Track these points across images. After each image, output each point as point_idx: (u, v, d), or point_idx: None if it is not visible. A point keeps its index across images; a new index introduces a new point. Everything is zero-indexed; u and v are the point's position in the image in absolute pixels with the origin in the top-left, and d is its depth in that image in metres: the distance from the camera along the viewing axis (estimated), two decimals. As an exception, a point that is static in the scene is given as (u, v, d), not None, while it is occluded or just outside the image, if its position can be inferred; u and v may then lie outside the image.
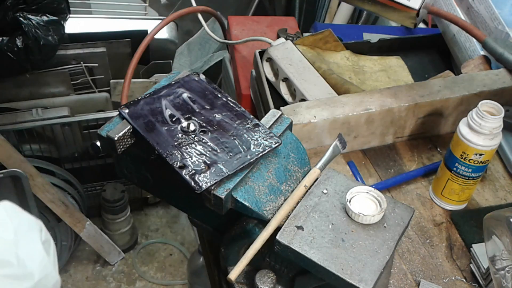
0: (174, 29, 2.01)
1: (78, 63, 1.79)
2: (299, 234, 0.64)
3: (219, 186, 0.64)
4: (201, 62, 2.01)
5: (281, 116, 0.75)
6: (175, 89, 0.74)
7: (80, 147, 1.87)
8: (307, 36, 1.23)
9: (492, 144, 0.84)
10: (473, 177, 0.88)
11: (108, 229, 2.02)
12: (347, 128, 1.00)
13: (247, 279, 0.76)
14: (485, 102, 0.84)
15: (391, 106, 1.00)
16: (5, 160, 1.54)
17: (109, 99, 1.88)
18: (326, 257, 0.62)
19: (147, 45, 1.43)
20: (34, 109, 1.72)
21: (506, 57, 1.06)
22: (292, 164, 0.72)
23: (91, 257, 2.08)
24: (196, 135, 0.69)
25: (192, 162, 0.65)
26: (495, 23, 1.18)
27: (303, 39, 1.22)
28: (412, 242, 0.89)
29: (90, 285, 2.01)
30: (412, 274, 0.84)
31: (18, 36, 1.52)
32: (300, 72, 1.11)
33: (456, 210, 0.94)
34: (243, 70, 1.41)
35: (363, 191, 0.68)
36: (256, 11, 2.26)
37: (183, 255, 2.11)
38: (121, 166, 0.80)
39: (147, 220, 2.23)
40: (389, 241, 0.65)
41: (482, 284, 0.83)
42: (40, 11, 1.55)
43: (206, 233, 0.84)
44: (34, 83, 1.77)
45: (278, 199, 0.69)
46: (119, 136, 0.68)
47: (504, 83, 1.06)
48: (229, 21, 1.59)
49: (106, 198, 1.95)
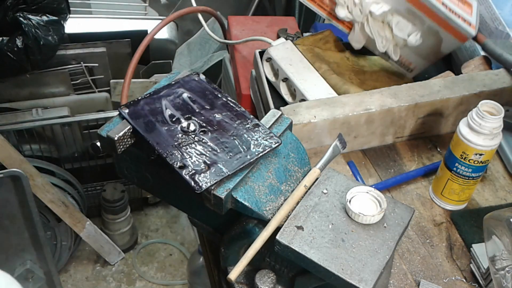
0: (174, 29, 2.01)
1: (78, 63, 1.79)
2: (299, 234, 0.64)
3: (219, 186, 0.64)
4: (201, 62, 2.01)
5: (281, 116, 0.75)
6: (175, 89, 0.74)
7: (80, 147, 1.87)
8: (307, 36, 1.23)
9: (492, 144, 0.84)
10: (473, 177, 0.88)
11: (108, 229, 2.02)
12: (347, 128, 1.00)
13: (247, 279, 0.76)
14: (485, 102, 0.84)
15: (391, 106, 1.00)
16: (5, 160, 1.54)
17: (109, 99, 1.88)
18: (326, 257, 0.62)
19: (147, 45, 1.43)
20: (34, 109, 1.73)
21: (505, 57, 1.06)
22: (292, 164, 0.72)
23: (91, 257, 2.08)
24: (196, 135, 0.69)
25: (192, 162, 0.65)
26: (495, 24, 1.18)
27: (303, 39, 1.22)
28: (412, 242, 0.89)
29: (90, 285, 2.01)
30: (412, 274, 0.84)
31: (18, 36, 1.52)
32: (300, 72, 1.11)
33: (456, 210, 0.94)
34: (243, 70, 1.41)
35: (363, 191, 0.68)
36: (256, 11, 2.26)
37: (183, 255, 2.12)
38: (121, 166, 0.80)
39: (147, 220, 2.23)
40: (389, 241, 0.65)
41: (482, 284, 0.83)
42: (40, 11, 1.55)
43: (206, 233, 0.84)
44: (34, 83, 1.77)
45: (278, 199, 0.69)
46: (119, 136, 0.68)
47: (504, 83, 1.06)
48: (229, 21, 1.59)
49: (106, 198, 1.95)
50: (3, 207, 1.54)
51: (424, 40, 1.09)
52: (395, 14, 1.06)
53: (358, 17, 1.08)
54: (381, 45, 1.10)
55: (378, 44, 1.09)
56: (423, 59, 1.14)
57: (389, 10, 1.06)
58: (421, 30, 1.07)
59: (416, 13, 1.04)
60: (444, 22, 1.04)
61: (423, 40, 1.09)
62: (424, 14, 1.04)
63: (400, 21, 1.06)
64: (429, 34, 1.08)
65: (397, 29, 1.07)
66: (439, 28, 1.06)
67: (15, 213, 1.56)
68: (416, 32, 1.07)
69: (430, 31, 1.07)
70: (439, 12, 1.03)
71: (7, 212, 1.55)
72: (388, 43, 1.10)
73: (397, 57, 1.13)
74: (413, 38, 1.07)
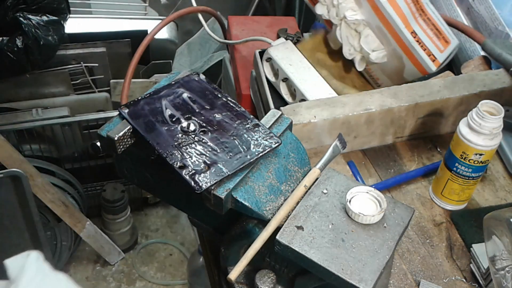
0: (174, 29, 2.01)
1: (78, 63, 1.79)
2: (299, 234, 0.64)
3: (219, 186, 0.64)
4: (201, 62, 2.01)
5: (281, 116, 0.75)
6: (175, 89, 0.74)
7: (80, 147, 1.87)
8: (307, 40, 1.22)
9: (492, 144, 0.84)
10: (473, 177, 0.88)
11: (108, 229, 2.02)
12: (347, 128, 1.00)
13: (247, 279, 0.76)
14: (485, 102, 0.84)
15: (391, 106, 1.00)
16: (5, 160, 1.54)
17: (109, 99, 1.88)
18: (326, 257, 0.62)
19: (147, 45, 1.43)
20: (34, 109, 1.72)
21: (504, 57, 1.06)
22: (292, 164, 0.72)
23: (91, 257, 2.08)
24: (196, 135, 0.69)
25: (192, 162, 0.65)
26: (495, 24, 1.18)
27: (303, 43, 1.21)
28: (412, 242, 0.89)
29: (90, 285, 2.01)
30: (412, 274, 0.84)
31: (18, 36, 1.52)
32: (300, 72, 1.11)
33: (456, 210, 0.94)
34: (243, 70, 1.41)
35: (363, 191, 0.68)
36: (256, 11, 2.26)
37: (183, 255, 2.11)
38: (121, 166, 0.80)
39: (147, 220, 2.23)
40: (389, 241, 0.65)
41: (482, 284, 0.83)
42: (40, 11, 1.55)
43: (206, 233, 0.84)
44: (34, 83, 1.77)
45: (278, 199, 0.69)
46: (119, 136, 0.68)
47: (504, 83, 1.06)
48: (229, 21, 1.59)
49: (106, 198, 1.95)
50: (3, 207, 1.54)
51: (389, 61, 1.09)
52: (367, 27, 1.07)
53: (333, 19, 1.08)
54: (348, 52, 1.10)
55: (345, 50, 1.10)
56: (388, 78, 1.15)
57: (362, 21, 1.06)
58: (387, 50, 1.08)
59: (384, 33, 1.05)
60: (407, 50, 1.05)
61: (388, 61, 1.09)
62: (391, 37, 1.05)
63: (370, 35, 1.07)
64: (394, 57, 1.08)
65: (364, 41, 1.07)
66: (402, 54, 1.06)
67: (15, 213, 1.56)
68: (381, 50, 1.07)
69: (395, 54, 1.08)
70: (404, 39, 1.04)
71: (7, 212, 1.55)
72: (356, 53, 1.10)
73: (360, 68, 1.13)
74: (376, 54, 1.07)
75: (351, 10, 1.05)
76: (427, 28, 1.06)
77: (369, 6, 1.03)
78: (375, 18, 1.04)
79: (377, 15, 1.03)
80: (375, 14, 1.03)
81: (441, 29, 1.07)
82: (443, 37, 1.07)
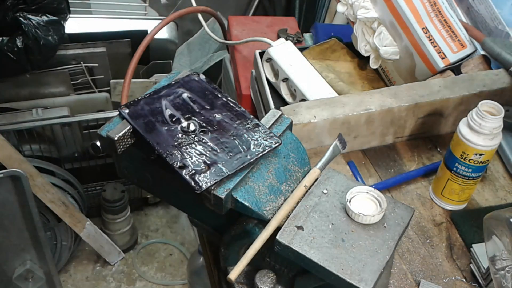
0: (174, 29, 2.01)
1: (78, 63, 1.79)
2: (299, 234, 0.65)
3: (219, 186, 0.64)
4: (201, 62, 2.01)
5: (281, 116, 0.75)
6: (175, 89, 0.74)
7: (80, 147, 1.87)
8: (313, 47, 1.22)
9: (492, 144, 0.84)
10: (473, 177, 0.88)
11: (108, 229, 2.02)
12: (347, 128, 1.00)
13: (247, 279, 0.76)
14: (485, 102, 0.84)
15: (391, 106, 1.00)
16: (5, 160, 1.54)
17: (109, 99, 1.88)
18: (326, 257, 0.62)
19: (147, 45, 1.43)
20: (34, 109, 1.72)
21: (503, 56, 1.06)
22: (292, 164, 0.72)
23: (91, 257, 2.08)
24: (196, 135, 0.69)
25: (192, 162, 0.65)
26: (495, 23, 1.18)
27: (309, 50, 1.21)
28: (412, 242, 0.89)
29: (90, 285, 2.01)
30: (412, 274, 0.84)
31: (18, 36, 1.52)
32: (300, 72, 1.11)
33: (456, 210, 0.94)
34: (243, 70, 1.41)
35: (363, 191, 0.68)
36: (256, 11, 2.26)
37: (183, 255, 2.12)
38: (121, 166, 0.80)
39: (147, 220, 2.23)
40: (389, 241, 0.65)
41: (482, 284, 0.83)
42: (40, 11, 1.55)
43: (206, 233, 0.84)
44: (34, 83, 1.77)
45: (278, 199, 0.69)
46: (119, 136, 0.68)
47: (504, 83, 1.06)
48: (229, 21, 1.59)
49: (106, 198, 1.95)
50: (3, 207, 1.54)
51: (402, 60, 1.11)
52: (381, 24, 1.09)
53: (350, 16, 1.11)
54: (363, 48, 1.13)
55: (361, 46, 1.12)
56: (402, 78, 1.16)
57: (376, 18, 1.08)
58: (399, 47, 1.10)
59: (397, 29, 1.06)
60: (417, 45, 1.07)
61: (401, 60, 1.11)
62: (403, 32, 1.06)
63: (383, 32, 1.09)
64: (405, 54, 1.10)
65: (377, 38, 1.09)
66: (413, 50, 1.08)
67: (15, 213, 1.56)
68: (393, 46, 1.09)
69: (406, 51, 1.09)
70: (414, 33, 1.06)
71: (7, 212, 1.55)
72: (371, 50, 1.13)
73: (375, 66, 1.15)
74: (386, 49, 1.09)
75: (364, 8, 1.08)
76: (442, 28, 1.07)
77: (383, 2, 1.06)
78: (389, 14, 1.06)
79: (391, 10, 1.05)
80: (388, 10, 1.06)
81: (458, 32, 1.09)
82: (458, 40, 1.09)
